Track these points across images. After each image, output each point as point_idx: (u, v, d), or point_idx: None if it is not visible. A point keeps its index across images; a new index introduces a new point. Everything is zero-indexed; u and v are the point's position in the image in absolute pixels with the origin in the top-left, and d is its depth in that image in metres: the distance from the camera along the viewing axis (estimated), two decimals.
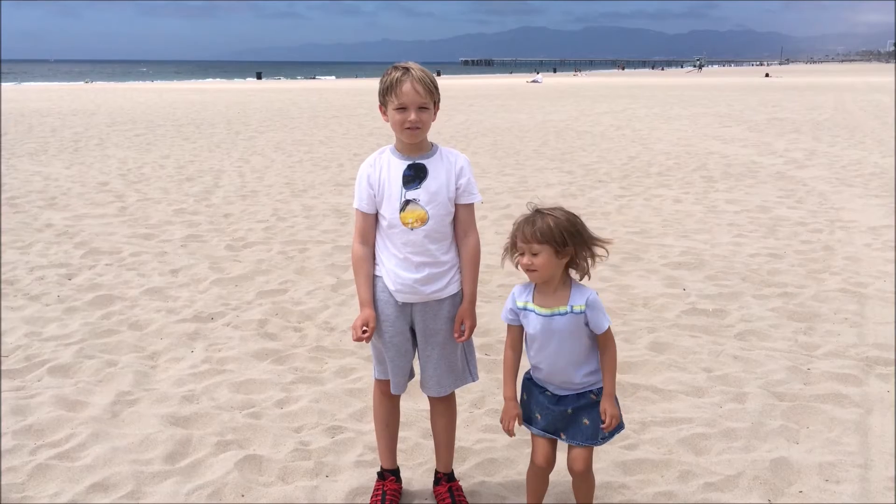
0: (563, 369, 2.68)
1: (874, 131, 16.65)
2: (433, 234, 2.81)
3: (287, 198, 9.78)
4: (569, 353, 2.66)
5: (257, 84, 61.00)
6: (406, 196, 2.79)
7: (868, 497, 3.10)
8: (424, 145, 2.84)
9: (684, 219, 8.27)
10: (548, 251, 2.55)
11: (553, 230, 2.55)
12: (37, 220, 8.42)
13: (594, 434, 2.70)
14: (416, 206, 2.78)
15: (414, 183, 2.79)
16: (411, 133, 2.75)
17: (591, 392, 2.73)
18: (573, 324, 2.62)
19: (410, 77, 2.72)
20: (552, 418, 2.72)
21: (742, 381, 4.17)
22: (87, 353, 4.64)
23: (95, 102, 30.26)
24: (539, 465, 2.77)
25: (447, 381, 2.98)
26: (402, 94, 2.70)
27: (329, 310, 5.43)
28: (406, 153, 2.83)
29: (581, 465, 2.72)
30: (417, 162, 2.81)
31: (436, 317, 2.88)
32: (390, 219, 2.80)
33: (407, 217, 2.78)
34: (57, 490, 3.20)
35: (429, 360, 2.95)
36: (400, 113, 2.73)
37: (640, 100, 30.60)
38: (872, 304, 5.38)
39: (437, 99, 2.80)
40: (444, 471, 3.14)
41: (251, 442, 3.61)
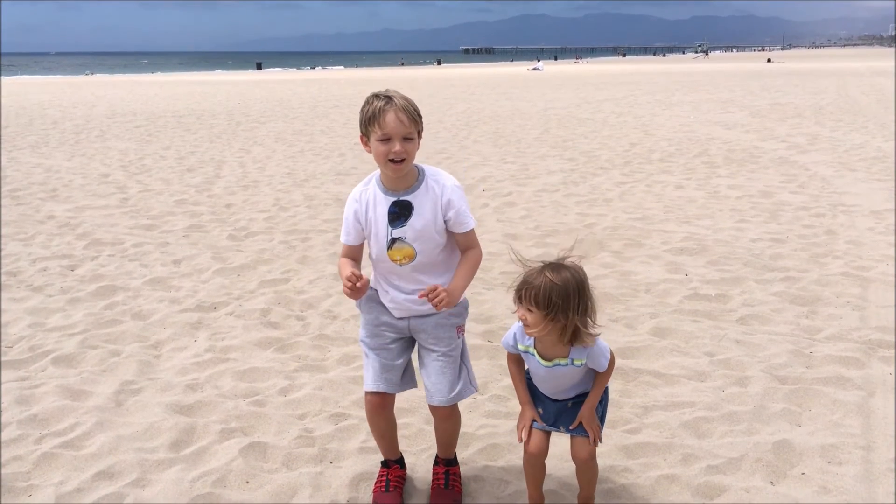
0: (563, 392, 2.75)
1: (876, 116, 16.58)
2: (422, 267, 2.78)
3: (289, 187, 9.77)
4: (570, 386, 2.73)
5: (258, 75, 60.85)
6: (392, 234, 2.74)
7: (870, 479, 3.11)
8: (410, 176, 2.75)
9: (686, 205, 8.26)
10: (539, 315, 2.48)
11: (544, 297, 2.44)
12: (39, 212, 8.43)
13: None
14: (403, 243, 2.74)
15: (399, 221, 2.73)
16: (396, 167, 2.66)
17: None
18: (575, 371, 2.66)
19: (394, 106, 2.62)
20: (554, 411, 2.76)
21: (744, 365, 4.18)
22: (90, 343, 4.65)
23: (96, 94, 30.23)
24: (531, 453, 2.79)
25: (452, 392, 2.91)
26: (385, 124, 2.61)
27: (331, 298, 5.44)
28: (391, 187, 2.75)
29: (586, 453, 2.74)
30: (402, 199, 2.74)
31: (432, 327, 2.87)
32: (378, 255, 2.79)
33: (395, 254, 2.76)
34: (62, 478, 3.22)
35: (429, 370, 2.91)
36: (384, 144, 2.63)
37: (641, 86, 30.49)
38: (875, 288, 5.38)
39: (420, 128, 2.72)
40: (444, 457, 3.15)
41: (255, 429, 3.62)
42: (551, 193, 9.05)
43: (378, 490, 3.07)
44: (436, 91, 29.65)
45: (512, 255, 2.74)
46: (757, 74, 38.88)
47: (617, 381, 4.05)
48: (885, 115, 16.68)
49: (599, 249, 6.49)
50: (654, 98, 23.71)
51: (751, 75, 38.12)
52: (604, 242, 6.73)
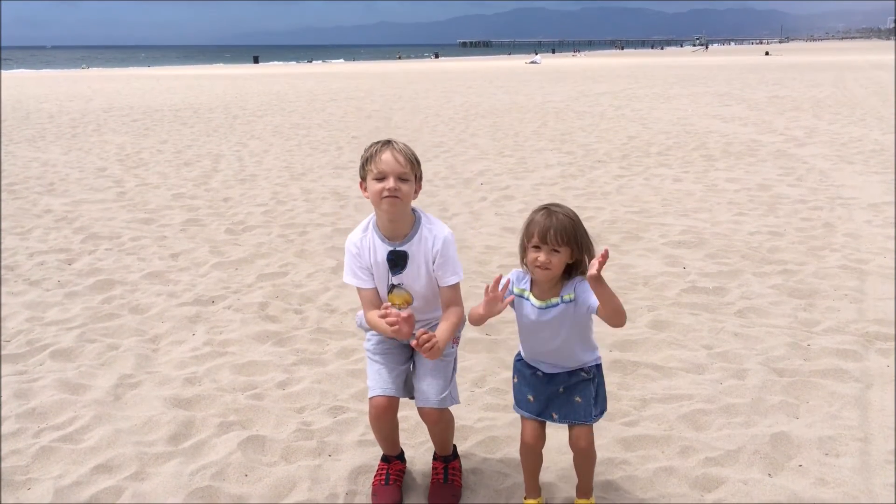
0: (553, 352, 2.71)
1: (874, 108, 16.58)
2: (420, 310, 2.86)
3: (286, 181, 9.76)
4: (560, 340, 2.68)
5: (255, 68, 60.69)
6: (392, 280, 2.83)
7: (867, 470, 3.12)
8: (406, 223, 2.80)
9: (684, 198, 8.26)
10: (566, 252, 2.55)
11: (576, 232, 2.56)
12: (36, 206, 8.41)
13: (587, 412, 2.72)
14: (402, 289, 2.84)
15: (397, 269, 2.81)
16: (390, 203, 2.67)
17: (583, 370, 2.73)
18: (564, 313, 2.64)
19: (391, 147, 2.70)
20: (545, 398, 2.74)
21: (742, 358, 4.18)
22: (88, 337, 4.65)
23: (92, 88, 30.15)
24: (528, 442, 2.79)
25: (444, 396, 2.91)
26: (381, 161, 2.67)
27: (329, 292, 5.44)
28: (387, 235, 2.80)
29: (584, 442, 2.74)
30: (398, 249, 2.80)
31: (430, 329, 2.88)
32: (382, 295, 2.86)
33: (394, 299, 2.84)
34: (61, 472, 3.22)
35: (422, 375, 2.91)
36: (379, 182, 2.68)
37: (639, 80, 30.46)
38: (872, 280, 5.38)
39: (418, 173, 2.76)
40: (441, 454, 3.15)
41: (254, 423, 3.62)
42: (549, 187, 9.05)
43: (378, 483, 3.07)
44: (433, 85, 29.60)
45: None
46: (755, 68, 38.85)
47: (615, 373, 4.05)
48: (883, 107, 16.68)
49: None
50: (651, 91, 23.69)
51: (748, 69, 38.10)
52: (602, 236, 6.73)
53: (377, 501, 3.01)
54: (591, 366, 2.76)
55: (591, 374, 2.74)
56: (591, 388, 2.73)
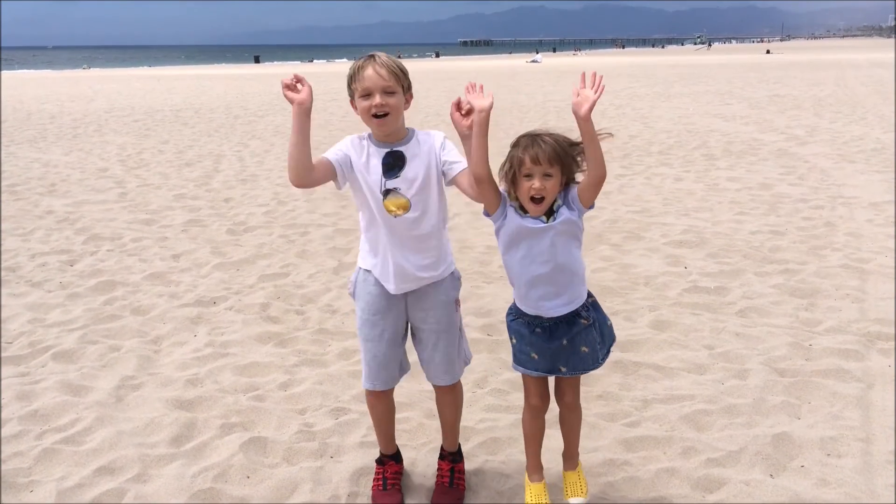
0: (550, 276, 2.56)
1: (875, 107, 16.56)
2: (418, 221, 2.77)
3: (287, 182, 9.72)
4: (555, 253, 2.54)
5: (256, 68, 60.68)
6: (386, 185, 2.75)
7: (869, 471, 3.12)
8: (400, 132, 2.78)
9: (685, 197, 8.25)
10: (558, 173, 2.48)
11: (565, 147, 2.48)
12: (37, 207, 8.42)
13: (594, 359, 2.68)
14: (398, 194, 2.75)
15: (393, 171, 2.75)
16: (380, 122, 2.67)
17: (581, 317, 2.64)
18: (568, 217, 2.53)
19: (373, 62, 2.66)
20: (550, 354, 2.66)
21: (743, 358, 4.18)
22: (90, 339, 4.65)
23: (93, 89, 30.16)
24: (535, 404, 2.74)
25: (456, 368, 2.97)
26: (364, 78, 2.64)
27: (331, 293, 5.44)
28: (382, 141, 2.77)
29: (572, 395, 2.73)
30: (395, 150, 2.76)
31: (432, 304, 2.86)
32: (375, 207, 2.77)
33: (390, 205, 2.75)
34: (63, 474, 3.23)
35: (433, 349, 2.91)
36: (365, 99, 2.66)
37: (640, 78, 30.44)
38: (874, 280, 5.38)
39: (405, 84, 2.72)
40: (450, 449, 3.15)
41: (255, 424, 3.63)
42: None
43: (376, 489, 3.07)
44: (434, 84, 29.59)
45: None
46: (756, 66, 38.81)
47: (616, 374, 4.06)
48: (884, 106, 16.66)
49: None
50: (652, 90, 23.67)
51: (749, 67, 38.06)
52: (603, 235, 6.73)
53: None
54: (588, 308, 2.66)
55: (590, 319, 2.66)
56: (593, 334, 2.67)
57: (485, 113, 2.55)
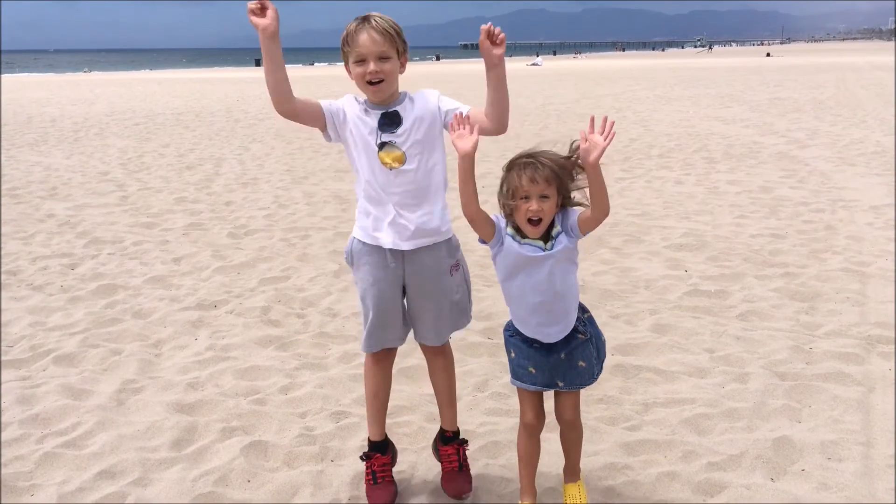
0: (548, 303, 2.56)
1: (876, 110, 16.57)
2: (413, 175, 2.75)
3: (288, 185, 9.77)
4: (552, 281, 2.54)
5: (257, 72, 60.71)
6: (382, 138, 2.72)
7: (870, 475, 3.12)
8: (394, 95, 2.76)
9: (686, 200, 8.26)
10: (554, 194, 2.46)
11: (560, 167, 2.45)
12: (38, 211, 8.43)
13: (590, 374, 2.68)
14: (393, 147, 2.72)
15: (389, 127, 2.72)
16: (375, 89, 2.65)
17: (578, 332, 2.65)
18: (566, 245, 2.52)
19: (367, 26, 2.60)
20: (548, 368, 2.65)
21: (744, 362, 4.18)
22: (91, 342, 4.66)
23: (95, 92, 30.20)
24: (530, 422, 2.71)
25: (445, 330, 2.97)
26: (358, 44, 2.60)
27: (332, 296, 5.45)
28: (377, 103, 2.75)
29: (572, 412, 2.71)
30: (390, 110, 2.74)
31: (428, 271, 2.84)
32: (370, 161, 2.72)
33: (385, 157, 2.71)
34: (64, 478, 3.23)
35: (425, 311, 2.90)
36: (360, 66, 2.62)
37: (640, 81, 30.47)
38: (874, 283, 5.38)
39: (400, 47, 2.68)
40: (451, 429, 3.14)
41: (256, 428, 3.63)
42: None
43: (368, 484, 3.06)
44: (434, 87, 29.57)
45: None
46: (756, 69, 38.84)
47: (617, 377, 4.06)
48: (885, 109, 16.67)
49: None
50: (653, 93, 23.69)
51: (750, 70, 38.09)
52: (603, 239, 6.73)
53: (372, 502, 3.00)
54: (585, 323, 2.67)
55: (587, 334, 2.66)
56: (590, 349, 2.67)
57: (468, 158, 2.52)
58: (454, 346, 4.24)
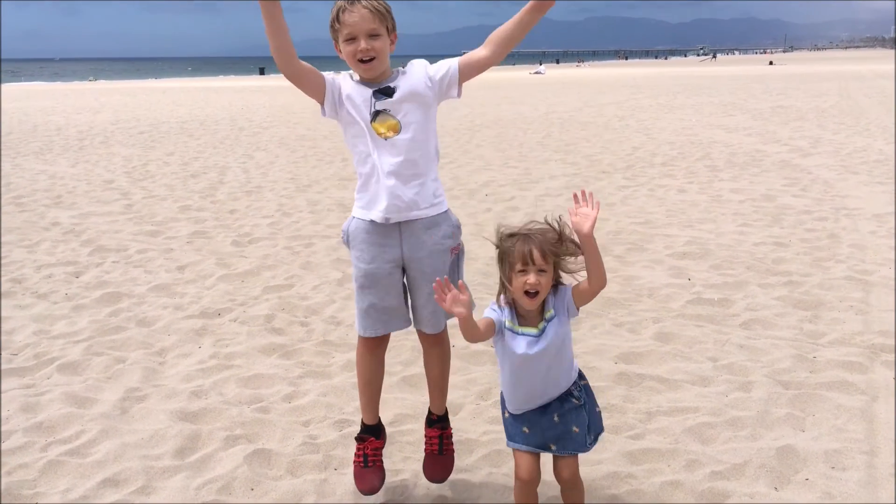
0: (544, 385, 2.63)
1: (879, 118, 16.57)
2: (408, 145, 2.71)
3: (292, 193, 9.80)
4: (551, 365, 2.61)
5: (261, 80, 60.91)
6: (376, 107, 2.70)
7: (874, 484, 3.11)
8: (386, 73, 2.75)
9: (689, 208, 8.26)
10: (551, 269, 2.51)
11: (554, 242, 2.51)
12: (43, 219, 8.46)
13: (583, 442, 2.67)
14: (387, 115, 2.69)
15: (382, 97, 2.71)
16: (366, 67, 2.64)
17: (573, 396, 2.68)
18: (555, 331, 2.58)
19: (356, 4, 2.60)
20: (542, 430, 2.66)
21: (748, 370, 4.18)
22: (95, 351, 4.67)
23: (99, 101, 30.33)
24: (525, 479, 2.68)
25: (443, 318, 2.95)
26: (347, 22, 2.59)
27: (335, 304, 5.46)
28: (370, 81, 2.74)
29: (569, 472, 2.69)
30: (384, 85, 2.72)
31: (428, 251, 2.82)
32: (365, 130, 2.71)
33: (379, 127, 2.70)
34: (68, 486, 3.23)
35: (424, 293, 2.87)
36: (350, 44, 2.62)
37: (643, 90, 30.51)
38: (877, 292, 5.38)
39: (390, 24, 2.67)
40: (438, 412, 3.14)
41: (260, 436, 3.63)
42: (554, 198, 9.06)
43: (358, 465, 3.05)
44: None
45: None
46: (759, 77, 38.88)
47: (620, 386, 4.06)
48: (888, 117, 16.67)
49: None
50: (656, 101, 23.72)
51: (752, 78, 38.12)
52: (606, 247, 6.74)
53: (360, 486, 3.01)
54: (580, 389, 2.70)
55: (581, 400, 2.68)
56: (583, 415, 2.67)
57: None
58: (457, 353, 4.26)
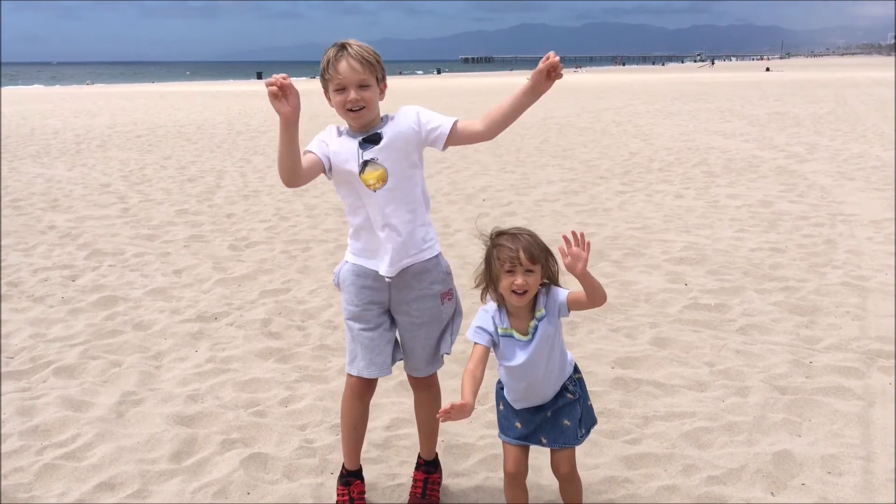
0: (542, 381, 2.64)
1: (875, 125, 16.62)
2: (397, 194, 2.71)
3: (289, 197, 9.80)
4: (547, 362, 2.62)
5: (258, 85, 60.96)
6: (364, 157, 2.69)
7: (870, 489, 3.12)
8: (375, 121, 2.74)
9: (686, 214, 8.28)
10: (538, 271, 2.52)
11: (542, 245, 2.54)
12: (40, 222, 8.45)
13: (574, 435, 2.68)
14: (375, 165, 2.68)
15: (369, 146, 2.69)
16: (355, 116, 2.65)
17: (568, 391, 2.69)
18: (545, 331, 2.58)
19: (346, 54, 2.60)
20: (534, 425, 2.68)
21: (744, 375, 4.19)
22: (91, 354, 4.66)
23: (97, 105, 30.31)
24: (511, 471, 2.70)
25: (434, 362, 2.96)
26: (337, 73, 2.60)
27: (332, 308, 5.45)
28: (358, 130, 2.74)
29: (566, 466, 2.70)
30: (372, 133, 2.72)
31: (416, 296, 2.82)
32: (354, 183, 2.70)
33: (368, 178, 2.69)
34: (64, 490, 3.23)
35: (413, 340, 2.88)
36: (340, 94, 2.63)
37: (640, 95, 30.58)
38: (874, 298, 5.39)
39: (379, 74, 2.68)
40: (427, 457, 3.15)
41: (256, 440, 3.63)
42: (551, 203, 9.07)
43: None
44: (436, 100, 29.73)
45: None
46: (756, 84, 38.99)
47: (617, 391, 4.06)
48: (884, 124, 16.73)
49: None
50: (653, 107, 23.78)
51: (749, 85, 38.23)
52: (604, 252, 6.75)
53: None
54: (575, 383, 2.72)
55: (576, 395, 2.70)
56: (577, 409, 2.69)
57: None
58: (454, 358, 4.25)
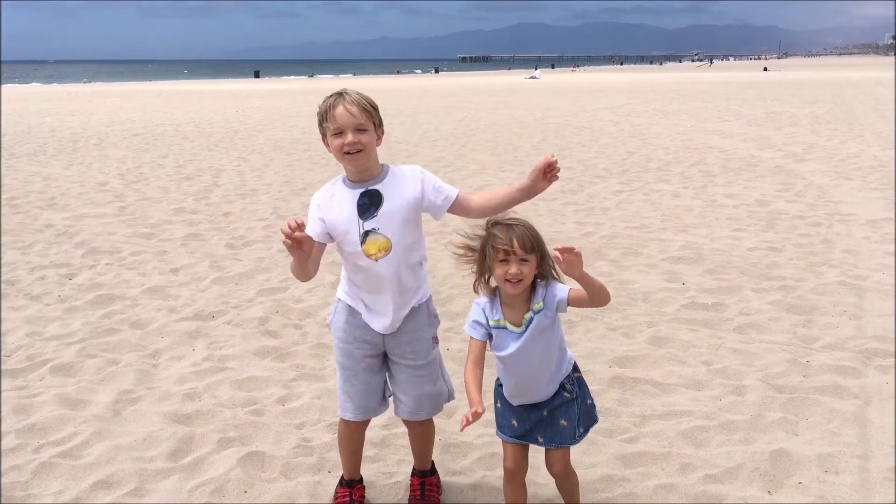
0: (538, 373, 2.63)
1: (873, 125, 16.65)
2: (399, 259, 2.73)
3: (287, 196, 9.79)
4: (542, 355, 2.61)
5: (256, 84, 60.91)
6: (364, 227, 2.70)
7: (867, 488, 3.12)
8: (375, 169, 2.74)
9: (683, 213, 8.28)
10: (533, 260, 2.50)
11: (537, 236, 2.52)
12: (37, 221, 8.43)
13: (571, 434, 2.68)
14: (377, 235, 2.69)
15: (370, 212, 2.69)
16: (353, 158, 2.65)
17: (565, 389, 2.69)
18: (540, 323, 2.57)
19: (343, 100, 2.65)
20: (530, 423, 2.68)
21: (741, 374, 4.19)
22: (88, 353, 4.65)
23: (94, 103, 30.26)
24: (510, 468, 2.71)
25: (426, 405, 2.94)
26: (335, 117, 2.64)
27: (329, 307, 5.44)
28: (357, 181, 2.73)
29: (560, 465, 2.71)
30: (371, 189, 2.72)
31: (408, 339, 2.85)
32: (354, 253, 2.72)
33: (369, 248, 2.70)
34: (60, 488, 3.22)
35: (408, 385, 2.90)
36: (338, 138, 2.65)
37: (638, 95, 30.59)
38: (871, 297, 5.40)
39: (376, 120, 2.71)
40: (421, 469, 3.17)
41: (253, 439, 3.63)
42: (549, 202, 9.07)
43: None
44: (433, 100, 29.73)
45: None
46: (753, 83, 39.03)
47: (614, 390, 4.06)
48: (882, 123, 16.75)
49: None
50: (651, 107, 23.78)
51: (747, 84, 38.27)
52: (601, 251, 6.75)
53: None
54: (573, 382, 2.71)
55: (573, 394, 2.70)
56: (574, 409, 2.69)
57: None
58: (452, 357, 4.26)
